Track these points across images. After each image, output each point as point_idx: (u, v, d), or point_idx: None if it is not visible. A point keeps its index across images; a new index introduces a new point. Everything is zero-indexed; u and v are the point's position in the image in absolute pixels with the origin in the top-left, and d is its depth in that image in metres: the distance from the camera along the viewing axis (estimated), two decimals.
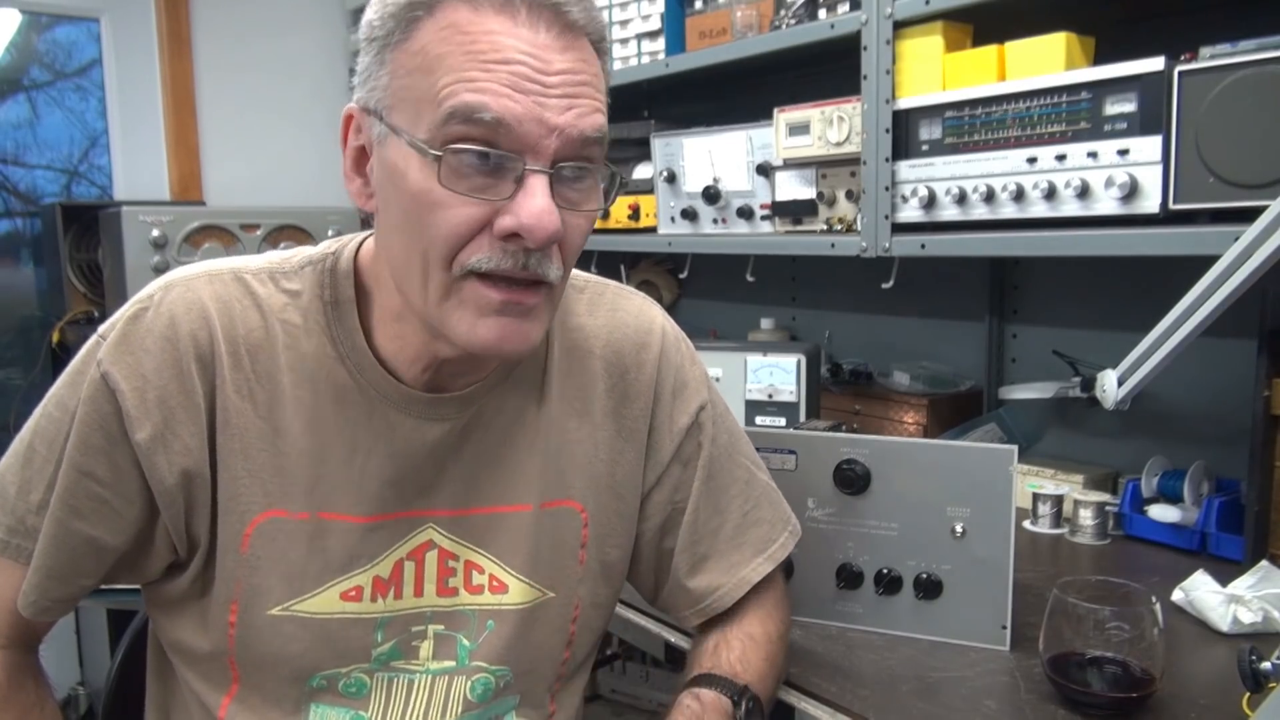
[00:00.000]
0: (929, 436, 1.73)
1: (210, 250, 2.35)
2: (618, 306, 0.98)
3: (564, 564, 0.92)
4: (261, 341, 0.83)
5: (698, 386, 0.99)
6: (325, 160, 3.17)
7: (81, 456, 0.80)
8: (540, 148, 0.72)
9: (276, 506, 0.82)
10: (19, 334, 2.88)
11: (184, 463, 0.80)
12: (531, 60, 0.71)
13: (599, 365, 0.95)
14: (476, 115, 0.70)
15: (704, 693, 0.90)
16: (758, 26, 1.73)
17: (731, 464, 1.00)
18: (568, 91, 0.72)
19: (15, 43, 2.84)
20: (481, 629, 0.89)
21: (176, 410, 0.80)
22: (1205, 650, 1.09)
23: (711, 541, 0.98)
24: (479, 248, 0.73)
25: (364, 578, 0.85)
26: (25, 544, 0.82)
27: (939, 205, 1.39)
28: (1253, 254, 1.05)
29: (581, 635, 0.96)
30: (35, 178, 2.91)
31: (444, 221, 0.73)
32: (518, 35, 0.71)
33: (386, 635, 0.86)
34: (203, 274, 0.84)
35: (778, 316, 2.21)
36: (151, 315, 0.81)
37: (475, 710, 0.90)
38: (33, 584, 0.82)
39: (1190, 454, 1.47)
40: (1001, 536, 1.08)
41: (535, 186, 0.72)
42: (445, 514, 0.88)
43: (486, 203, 0.72)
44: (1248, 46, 1.11)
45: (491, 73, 0.70)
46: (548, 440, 0.91)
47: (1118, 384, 1.30)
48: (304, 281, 0.86)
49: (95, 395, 0.80)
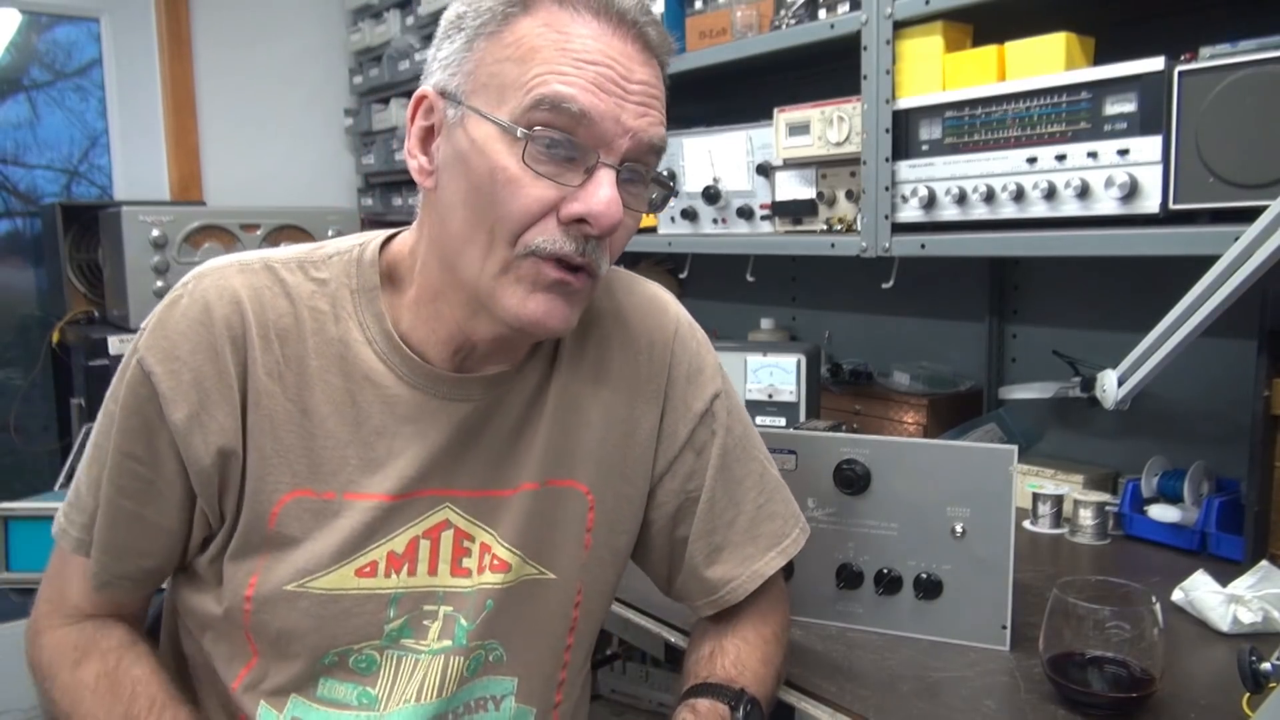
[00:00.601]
0: (929, 436, 1.73)
1: (210, 250, 2.35)
2: (633, 290, 1.00)
3: (566, 546, 0.93)
4: (290, 327, 0.86)
5: (713, 374, 1.00)
6: (325, 160, 3.18)
7: (123, 439, 0.84)
8: (614, 145, 0.78)
9: (303, 486, 0.85)
10: (19, 334, 2.89)
11: (219, 441, 0.83)
12: (617, 66, 0.78)
13: (614, 346, 0.96)
14: (564, 105, 0.76)
15: (700, 703, 0.90)
16: (758, 26, 1.73)
17: (746, 456, 1.00)
18: (643, 100, 0.79)
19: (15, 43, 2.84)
20: (480, 609, 0.90)
21: (211, 391, 0.83)
22: (1205, 650, 1.09)
23: (726, 532, 0.98)
24: (544, 230, 0.78)
25: (378, 552, 0.87)
26: None
27: (939, 205, 1.40)
28: (1253, 254, 1.05)
29: (585, 622, 0.96)
30: (35, 178, 2.92)
31: (518, 198, 0.77)
32: (607, 42, 0.78)
33: (399, 611, 0.88)
34: (234, 263, 0.88)
35: (778, 316, 2.21)
36: (186, 302, 0.85)
37: (468, 684, 0.91)
38: (94, 558, 0.87)
39: (1190, 454, 1.47)
40: (1001, 536, 1.08)
41: (604, 178, 0.78)
42: (464, 494, 0.89)
43: (558, 187, 0.78)
44: (1248, 46, 1.11)
45: (581, 70, 0.76)
46: (558, 422, 0.92)
47: (1118, 384, 1.30)
48: (331, 270, 0.89)
49: (133, 381, 0.84)
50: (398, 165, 2.83)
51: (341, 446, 0.86)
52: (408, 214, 2.84)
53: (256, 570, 0.85)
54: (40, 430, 2.80)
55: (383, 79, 2.86)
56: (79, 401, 2.52)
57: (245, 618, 0.85)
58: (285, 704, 0.87)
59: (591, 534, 0.94)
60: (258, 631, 0.86)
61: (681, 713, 0.89)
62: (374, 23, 2.96)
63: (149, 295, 2.28)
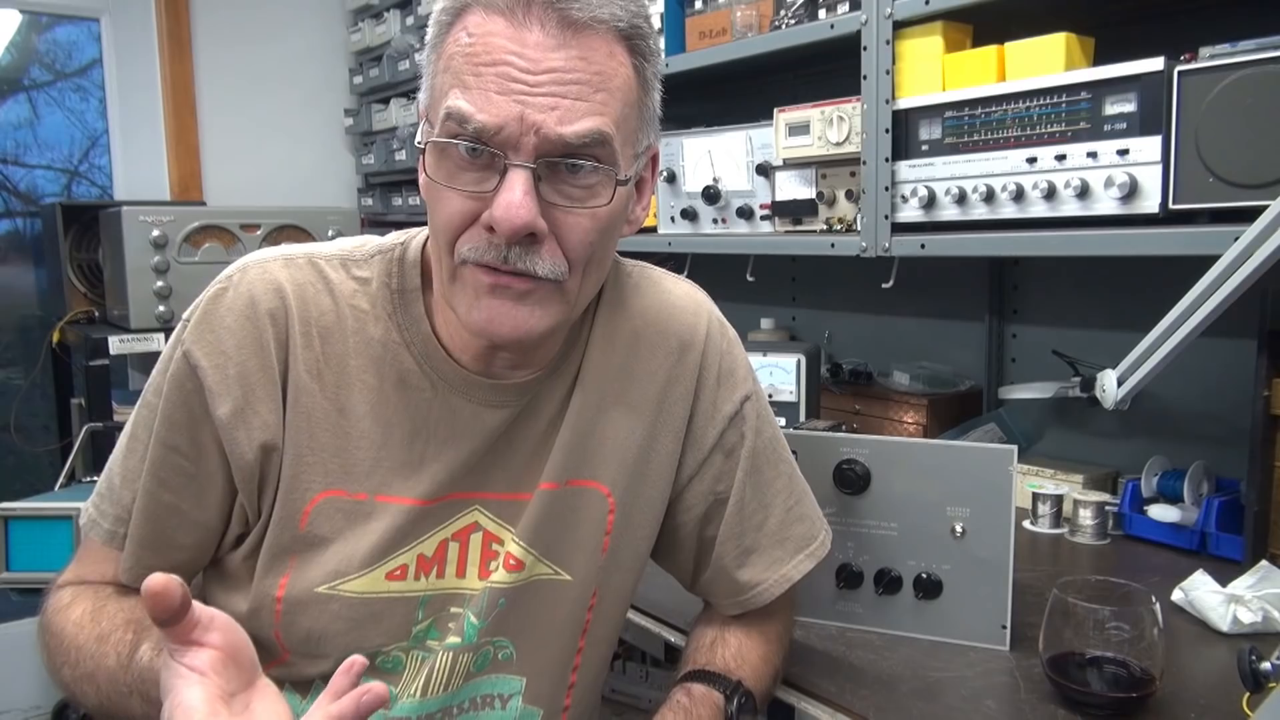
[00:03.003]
0: (929, 436, 1.73)
1: (210, 250, 2.36)
2: (665, 288, 0.99)
3: (584, 548, 0.92)
4: (332, 325, 0.86)
5: (744, 376, 0.99)
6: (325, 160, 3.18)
7: (167, 432, 0.84)
8: (520, 145, 0.74)
9: (336, 486, 0.85)
10: (19, 334, 2.89)
11: (263, 437, 0.83)
12: (517, 60, 0.73)
13: (644, 346, 0.95)
14: (464, 120, 0.74)
15: (695, 687, 0.90)
16: (758, 26, 1.73)
17: (775, 458, 1.00)
18: (554, 90, 0.74)
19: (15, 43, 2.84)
20: (493, 606, 0.89)
21: (256, 386, 0.83)
22: (1205, 650, 1.09)
23: (756, 535, 0.98)
24: (470, 238, 0.78)
25: (409, 555, 0.87)
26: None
27: (939, 205, 1.40)
28: (1253, 254, 1.05)
29: (598, 626, 0.95)
30: (35, 178, 2.92)
31: (441, 211, 0.78)
32: (511, 35, 0.74)
33: (427, 613, 0.88)
34: (279, 257, 0.88)
35: (778, 316, 2.21)
36: (231, 295, 0.84)
37: (474, 679, 0.90)
38: (129, 552, 0.86)
39: (1190, 454, 1.47)
40: (1001, 536, 1.08)
41: (513, 180, 0.74)
42: (493, 497, 0.89)
43: (476, 195, 0.76)
44: (1248, 46, 1.11)
45: (480, 76, 0.74)
46: (583, 421, 0.91)
47: (1117, 384, 1.30)
48: (373, 269, 0.89)
49: (178, 373, 0.84)
50: (398, 165, 2.83)
51: (376, 448, 0.86)
52: (408, 214, 2.84)
53: (287, 571, 0.85)
54: (40, 430, 2.80)
55: (383, 79, 2.86)
56: (79, 401, 2.52)
57: (275, 618, 0.85)
58: (309, 690, 0.87)
59: (610, 536, 0.93)
60: (287, 631, 0.85)
61: (676, 694, 0.90)
62: (374, 23, 2.96)
63: (149, 295, 2.28)
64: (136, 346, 2.29)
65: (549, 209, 0.76)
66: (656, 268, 1.02)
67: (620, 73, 0.77)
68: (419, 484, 0.86)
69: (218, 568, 0.91)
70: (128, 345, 2.29)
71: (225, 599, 0.89)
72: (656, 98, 0.84)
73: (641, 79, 0.80)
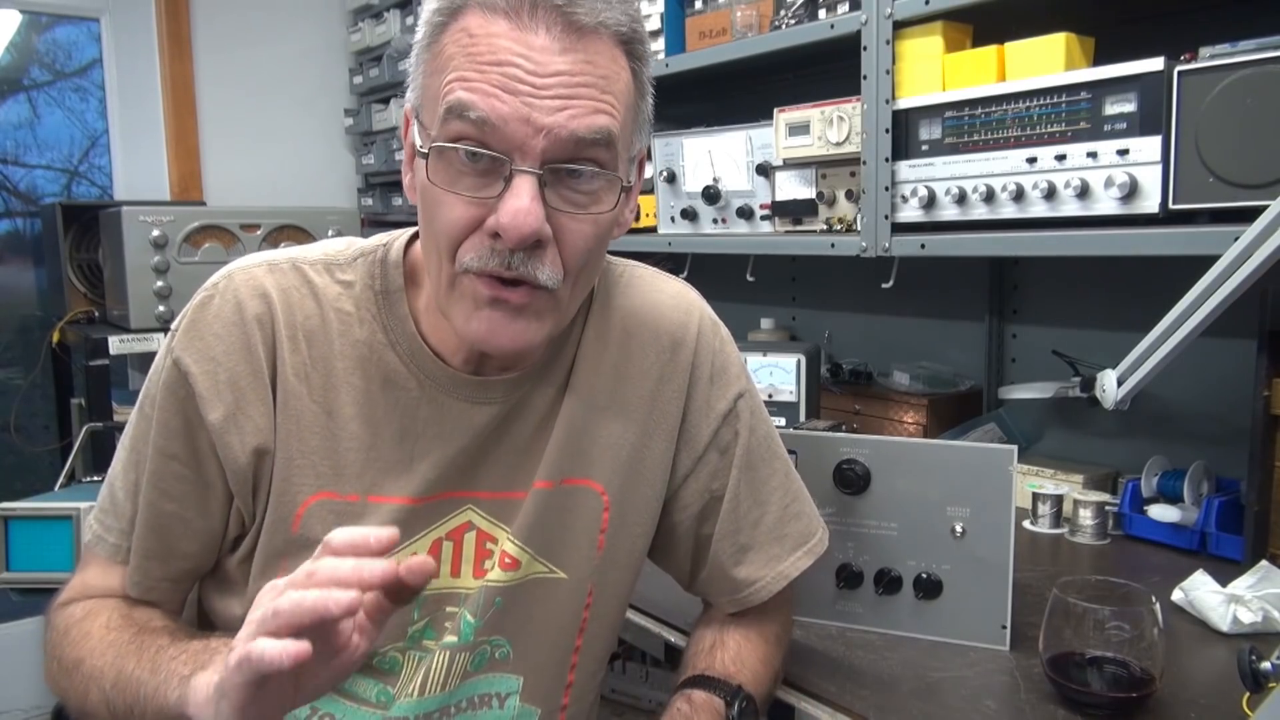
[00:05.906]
0: (929, 436, 1.73)
1: (210, 250, 2.36)
2: (656, 287, 0.99)
3: (579, 545, 0.92)
4: (317, 328, 0.86)
5: (737, 374, 0.99)
6: (325, 160, 3.18)
7: (165, 441, 0.85)
8: (527, 148, 0.73)
9: (327, 489, 0.85)
10: (19, 334, 2.89)
11: (255, 441, 0.84)
12: (524, 62, 0.73)
13: (636, 345, 0.95)
14: (466, 112, 0.73)
15: (696, 694, 0.90)
16: (758, 26, 1.73)
17: (770, 455, 1.00)
18: (561, 93, 0.73)
19: (15, 43, 2.84)
20: (489, 605, 0.89)
21: (246, 391, 0.84)
22: (1205, 650, 1.09)
23: (752, 532, 0.98)
24: (472, 246, 0.76)
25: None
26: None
27: (939, 205, 1.40)
28: (1252, 254, 1.05)
29: (595, 625, 0.95)
30: (35, 178, 2.92)
31: (442, 218, 0.77)
32: (516, 38, 0.73)
33: (423, 613, 0.88)
34: (263, 263, 0.88)
35: (778, 316, 2.21)
36: (218, 301, 0.85)
37: (471, 679, 0.90)
38: (134, 565, 0.87)
39: (1190, 454, 1.47)
40: (1001, 536, 1.08)
41: (520, 186, 0.74)
42: (485, 495, 0.89)
43: (480, 202, 0.75)
44: (1248, 46, 1.11)
45: (484, 73, 0.73)
46: (576, 420, 0.91)
47: (1117, 384, 1.30)
48: (357, 272, 0.89)
49: (170, 381, 0.84)
50: (398, 165, 2.83)
51: (365, 449, 0.86)
52: (408, 214, 2.84)
53: (282, 573, 0.84)
54: (40, 430, 2.80)
55: (383, 79, 2.86)
56: (79, 401, 2.52)
57: None
58: None
59: (606, 535, 0.93)
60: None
61: (677, 702, 0.90)
62: (374, 23, 2.96)
63: (149, 295, 2.28)
64: (136, 346, 2.29)
65: (552, 215, 0.76)
66: (647, 267, 1.02)
67: (622, 76, 0.78)
68: (410, 483, 0.86)
69: (214, 572, 0.91)
70: (128, 345, 2.29)
71: (222, 603, 0.90)
72: (650, 102, 0.84)
73: (639, 83, 0.81)
